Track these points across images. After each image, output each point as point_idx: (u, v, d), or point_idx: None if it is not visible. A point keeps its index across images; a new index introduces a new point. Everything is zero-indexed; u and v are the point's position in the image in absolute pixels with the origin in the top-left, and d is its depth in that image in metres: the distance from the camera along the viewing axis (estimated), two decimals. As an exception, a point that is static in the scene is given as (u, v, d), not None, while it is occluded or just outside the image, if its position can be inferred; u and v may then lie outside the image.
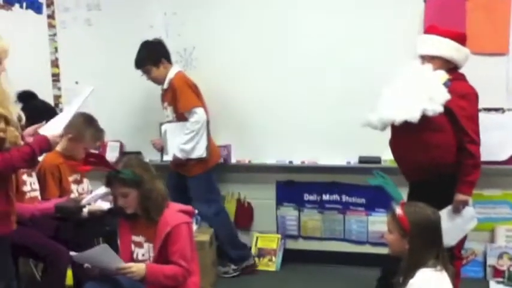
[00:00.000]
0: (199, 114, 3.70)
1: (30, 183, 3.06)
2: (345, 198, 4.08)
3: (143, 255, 2.66)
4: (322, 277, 3.94)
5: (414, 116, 2.87)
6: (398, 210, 2.21)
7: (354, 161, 3.91)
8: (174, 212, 2.63)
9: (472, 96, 3.06)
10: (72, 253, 2.57)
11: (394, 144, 3.16)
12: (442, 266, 2.13)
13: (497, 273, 3.78)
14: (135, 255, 2.67)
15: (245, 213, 4.28)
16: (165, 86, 3.79)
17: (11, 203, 2.39)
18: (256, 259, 4.16)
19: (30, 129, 2.58)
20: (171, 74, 3.77)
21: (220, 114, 4.10)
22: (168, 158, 3.78)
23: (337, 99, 3.84)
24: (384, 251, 3.60)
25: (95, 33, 4.26)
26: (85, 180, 3.38)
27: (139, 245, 2.67)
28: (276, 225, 4.24)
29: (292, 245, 4.23)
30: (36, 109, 3.17)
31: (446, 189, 3.04)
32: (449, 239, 3.01)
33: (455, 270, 3.06)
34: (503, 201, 3.83)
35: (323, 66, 3.86)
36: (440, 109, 2.87)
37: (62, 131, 2.52)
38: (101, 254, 2.48)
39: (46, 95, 4.15)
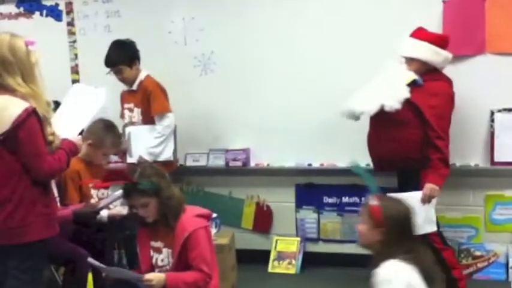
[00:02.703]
0: (171, 118, 3.78)
1: None
2: (364, 200, 3.97)
3: (162, 260, 2.66)
4: (343, 280, 3.95)
5: (371, 109, 3.25)
6: (374, 202, 2.27)
7: (373, 163, 3.86)
8: (191, 217, 2.64)
9: (444, 95, 3.26)
10: (90, 260, 2.63)
11: (368, 135, 3.44)
12: (414, 263, 2.13)
13: (520, 275, 3.76)
14: (154, 261, 2.69)
15: (264, 216, 4.30)
16: (135, 87, 3.80)
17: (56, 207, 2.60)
18: (276, 262, 4.20)
19: None
20: (142, 76, 3.81)
21: (239, 118, 4.16)
22: (132, 160, 3.74)
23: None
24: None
25: (114, 39, 4.25)
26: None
27: (158, 250, 2.68)
28: (295, 228, 4.26)
29: (311, 247, 4.24)
30: None
31: (408, 183, 3.26)
32: None
33: (449, 260, 3.31)
34: (525, 202, 3.80)
35: (343, 70, 3.90)
36: (397, 106, 3.15)
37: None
38: (115, 272, 2.57)
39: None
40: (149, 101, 3.72)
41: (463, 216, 3.84)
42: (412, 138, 3.22)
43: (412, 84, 3.22)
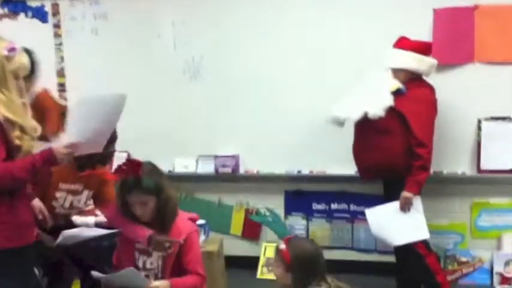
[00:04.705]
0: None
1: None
2: (353, 207, 4.16)
3: (151, 263, 2.61)
4: (331, 286, 3.91)
5: (355, 116, 3.32)
6: (282, 246, 2.37)
7: (362, 170, 3.91)
8: (184, 220, 2.65)
9: (428, 102, 3.36)
10: (95, 273, 2.53)
11: (353, 144, 3.50)
12: None
13: (504, 280, 3.87)
14: (141, 263, 2.62)
15: (253, 223, 4.32)
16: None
17: (32, 214, 2.44)
18: (265, 269, 4.24)
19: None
20: (37, 88, 3.58)
21: (229, 124, 4.19)
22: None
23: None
24: (391, 259, 3.64)
25: (101, 42, 4.30)
26: (85, 193, 3.16)
27: (144, 252, 2.62)
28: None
29: (300, 254, 4.19)
30: None
31: (393, 191, 3.33)
32: (392, 237, 3.39)
33: (432, 266, 3.37)
34: (509, 209, 3.90)
35: (333, 78, 3.93)
36: (381, 113, 3.22)
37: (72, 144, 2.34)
38: (127, 277, 2.46)
39: (52, 104, 4.16)
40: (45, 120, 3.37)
41: (449, 223, 3.94)
42: (396, 146, 3.28)
43: (396, 93, 3.30)
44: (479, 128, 3.74)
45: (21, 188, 2.32)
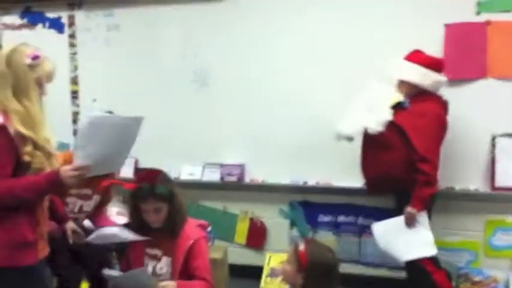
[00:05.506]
0: None
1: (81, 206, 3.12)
2: (361, 220, 4.08)
3: (161, 268, 2.67)
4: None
5: (355, 132, 3.35)
6: (302, 246, 2.32)
7: (369, 182, 3.85)
8: (193, 227, 2.71)
9: (431, 116, 3.24)
10: (106, 271, 2.55)
11: (361, 158, 3.46)
12: None
13: (520, 303, 3.71)
14: (151, 269, 2.68)
15: (258, 232, 4.32)
16: None
17: (36, 232, 2.25)
18: (269, 279, 4.17)
19: None
20: None
21: (235, 133, 4.22)
22: None
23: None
24: (400, 274, 3.55)
25: (113, 52, 4.42)
26: (95, 197, 3.29)
27: (155, 257, 2.69)
28: (289, 245, 4.17)
29: (306, 266, 4.13)
30: None
31: (403, 204, 3.25)
32: (399, 252, 3.31)
33: (441, 283, 3.28)
34: (527, 228, 3.76)
35: (341, 90, 3.87)
36: (380, 129, 3.21)
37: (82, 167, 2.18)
38: (136, 279, 2.50)
39: (65, 111, 4.44)
40: None
41: (461, 241, 3.82)
42: (398, 160, 3.23)
43: (398, 106, 3.26)
44: (493, 145, 3.63)
45: (26, 206, 2.21)
